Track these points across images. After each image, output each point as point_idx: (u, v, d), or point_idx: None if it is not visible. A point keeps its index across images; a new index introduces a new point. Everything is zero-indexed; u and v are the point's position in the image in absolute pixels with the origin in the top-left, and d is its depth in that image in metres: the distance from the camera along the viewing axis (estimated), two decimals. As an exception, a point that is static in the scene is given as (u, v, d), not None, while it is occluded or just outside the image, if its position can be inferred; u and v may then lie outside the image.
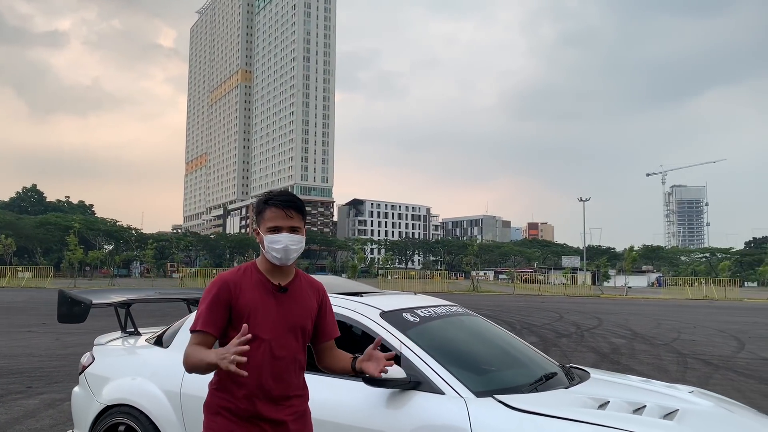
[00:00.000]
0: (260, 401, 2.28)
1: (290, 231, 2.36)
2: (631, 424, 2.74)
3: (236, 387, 2.28)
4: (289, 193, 2.46)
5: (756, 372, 10.39)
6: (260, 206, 2.40)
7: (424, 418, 2.92)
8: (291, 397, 2.37)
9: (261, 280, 2.38)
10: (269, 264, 2.40)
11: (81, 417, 4.23)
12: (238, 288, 2.32)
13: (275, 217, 2.36)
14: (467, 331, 3.98)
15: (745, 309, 32.84)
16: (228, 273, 2.39)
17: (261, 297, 2.33)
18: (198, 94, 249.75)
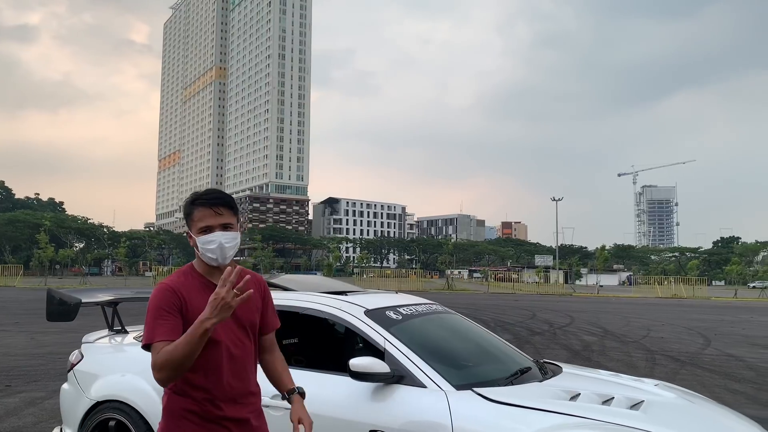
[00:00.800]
0: (223, 402, 2.24)
1: (222, 228, 2.25)
2: (599, 413, 2.96)
3: (198, 390, 2.21)
4: (216, 190, 2.37)
5: (720, 368, 10.77)
6: (188, 208, 2.30)
7: (407, 410, 3.10)
8: (250, 394, 2.34)
9: (203, 282, 2.28)
10: (202, 265, 2.32)
11: (70, 413, 4.32)
12: (184, 293, 2.21)
13: (204, 217, 2.25)
14: (447, 328, 4.18)
15: (712, 307, 33.68)
16: (169, 279, 2.27)
17: (206, 299, 2.09)
18: (171, 90, 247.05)
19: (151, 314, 2.17)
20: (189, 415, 2.21)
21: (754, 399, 8.02)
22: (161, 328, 2.12)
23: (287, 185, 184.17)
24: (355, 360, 3.14)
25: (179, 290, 2.21)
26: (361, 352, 3.60)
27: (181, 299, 2.19)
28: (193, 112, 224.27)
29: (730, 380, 9.48)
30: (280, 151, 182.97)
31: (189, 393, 2.21)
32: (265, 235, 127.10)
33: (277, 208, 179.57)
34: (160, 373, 2.05)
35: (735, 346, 14.23)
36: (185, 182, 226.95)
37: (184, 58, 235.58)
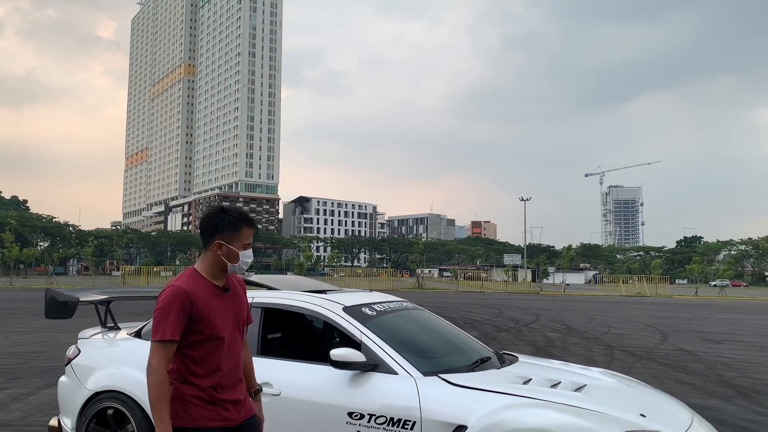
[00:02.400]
0: (223, 387, 2.63)
1: (251, 247, 2.77)
2: (546, 395, 3.45)
3: (202, 379, 2.58)
4: (248, 214, 2.84)
5: (674, 362, 11.44)
6: (238, 224, 2.70)
7: (381, 393, 3.55)
8: (240, 380, 2.77)
9: (208, 285, 2.64)
10: (213, 270, 2.67)
11: (68, 404, 4.66)
12: (195, 295, 2.55)
13: (249, 235, 2.73)
14: (416, 323, 4.64)
15: (673, 305, 34.84)
16: (183, 283, 2.57)
17: (213, 301, 2.61)
18: (139, 87, 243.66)
19: (161, 313, 2.51)
20: (195, 400, 2.58)
21: (700, 389, 8.65)
22: (172, 329, 2.49)
23: (257, 184, 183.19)
24: (335, 350, 3.58)
25: (190, 293, 2.55)
26: (338, 345, 4.02)
27: (191, 301, 2.53)
28: (161, 110, 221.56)
29: (680, 373, 10.12)
30: (250, 150, 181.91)
31: (194, 382, 2.58)
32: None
33: (247, 207, 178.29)
34: (148, 377, 2.46)
35: (689, 341, 14.98)
36: (153, 180, 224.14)
37: (152, 55, 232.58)
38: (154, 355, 2.47)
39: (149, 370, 2.47)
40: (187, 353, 2.57)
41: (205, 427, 2.55)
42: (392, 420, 3.46)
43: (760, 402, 7.81)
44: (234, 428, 2.66)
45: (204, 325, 2.55)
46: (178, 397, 2.59)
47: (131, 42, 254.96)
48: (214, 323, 2.58)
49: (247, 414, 2.76)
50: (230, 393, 2.67)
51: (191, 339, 2.56)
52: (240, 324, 2.77)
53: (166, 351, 2.49)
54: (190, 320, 2.53)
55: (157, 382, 2.45)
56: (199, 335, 2.56)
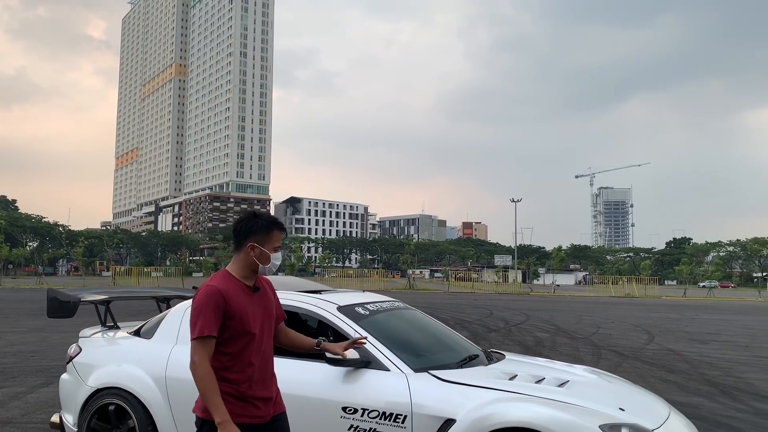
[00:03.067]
0: (255, 384, 2.80)
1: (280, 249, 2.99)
2: (531, 390, 3.63)
3: (235, 376, 2.75)
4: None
5: (659, 361, 11.67)
6: (270, 227, 2.89)
7: (374, 389, 3.72)
8: (272, 376, 2.95)
9: (240, 285, 2.82)
10: (244, 271, 2.85)
11: (70, 400, 4.80)
12: (228, 294, 2.73)
13: (279, 239, 2.93)
14: (407, 322, 4.81)
15: (662, 305, 35.21)
16: (216, 283, 2.75)
17: (245, 299, 2.79)
18: (129, 87, 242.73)
19: (197, 311, 2.68)
20: (225, 396, 2.70)
21: (684, 387, 8.87)
22: (210, 325, 2.66)
23: (248, 184, 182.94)
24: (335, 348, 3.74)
25: (224, 291, 2.72)
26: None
27: (225, 300, 2.70)
28: (152, 110, 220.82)
29: (665, 372, 10.35)
30: (242, 150, 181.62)
31: (226, 377, 2.73)
32: (225, 235, 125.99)
33: (238, 207, 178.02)
34: (194, 373, 2.63)
35: (676, 341, 15.24)
36: (143, 180, 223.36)
37: (143, 55, 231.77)
38: (195, 352, 2.64)
39: (193, 366, 2.63)
40: (222, 350, 2.73)
41: (235, 422, 2.67)
42: (384, 414, 3.63)
43: (741, 400, 8.03)
44: (262, 425, 2.81)
45: (236, 323, 2.72)
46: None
47: (122, 41, 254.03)
48: (246, 320, 2.75)
49: (276, 411, 2.92)
50: (261, 390, 2.83)
51: (225, 336, 2.72)
52: (270, 322, 2.94)
53: (206, 346, 2.65)
54: (225, 318, 2.71)
55: (203, 375, 2.61)
56: (233, 332, 2.73)
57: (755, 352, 13.34)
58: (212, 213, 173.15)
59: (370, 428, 3.65)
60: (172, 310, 4.79)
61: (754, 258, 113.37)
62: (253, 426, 2.77)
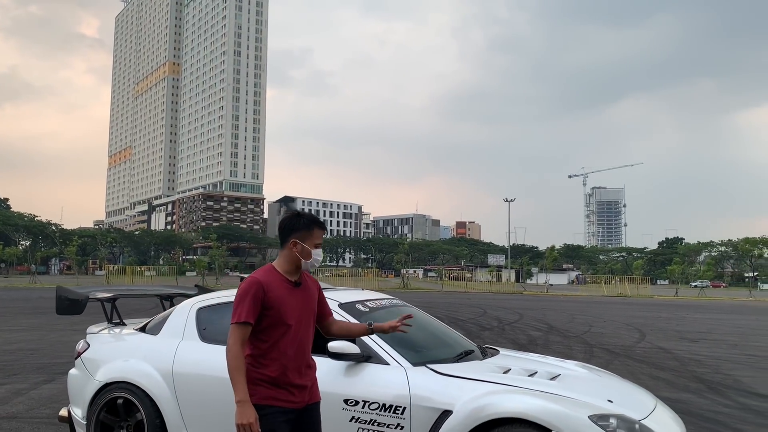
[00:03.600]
0: (290, 371, 2.98)
1: (321, 247, 3.18)
2: (524, 383, 3.83)
3: (272, 362, 2.95)
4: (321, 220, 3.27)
5: (650, 359, 11.89)
6: (311, 225, 3.11)
7: (374, 382, 3.90)
8: (308, 367, 3.11)
9: (282, 279, 3.05)
10: (288, 266, 3.09)
11: (79, 394, 4.95)
12: (268, 286, 2.96)
13: (320, 236, 3.13)
14: (406, 319, 4.98)
15: (653, 305, 35.53)
16: (259, 275, 3.00)
17: (285, 292, 3.00)
18: (123, 85, 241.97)
19: (238, 300, 2.93)
20: (263, 383, 2.94)
21: (673, 384, 9.09)
22: (247, 313, 2.88)
23: (242, 183, 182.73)
24: (332, 343, 3.90)
25: (265, 283, 2.95)
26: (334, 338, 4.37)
27: (264, 290, 2.93)
28: (145, 108, 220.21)
29: (655, 369, 10.57)
30: (235, 149, 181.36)
31: (265, 364, 2.96)
32: (219, 234, 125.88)
33: (232, 206, 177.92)
34: (226, 354, 2.87)
35: (667, 340, 15.48)
36: (136, 179, 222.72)
37: (137, 53, 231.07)
38: (231, 336, 2.87)
39: (227, 348, 2.87)
40: (261, 338, 2.96)
41: (270, 405, 2.91)
42: (384, 406, 3.80)
43: (728, 396, 8.25)
44: (296, 410, 3.01)
45: (274, 313, 2.93)
46: (249, 378, 2.96)
47: (115, 40, 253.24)
48: (284, 312, 2.95)
49: (311, 400, 3.11)
50: (296, 377, 3.02)
51: (264, 324, 2.95)
52: (309, 316, 3.13)
53: (241, 332, 2.88)
54: (264, 307, 2.93)
55: (233, 357, 2.83)
56: (271, 321, 2.95)
57: (743, 351, 13.59)
58: (206, 212, 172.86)
59: (370, 419, 3.83)
60: (178, 307, 4.95)
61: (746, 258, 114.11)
62: (288, 411, 2.96)
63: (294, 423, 3.01)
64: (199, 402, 4.40)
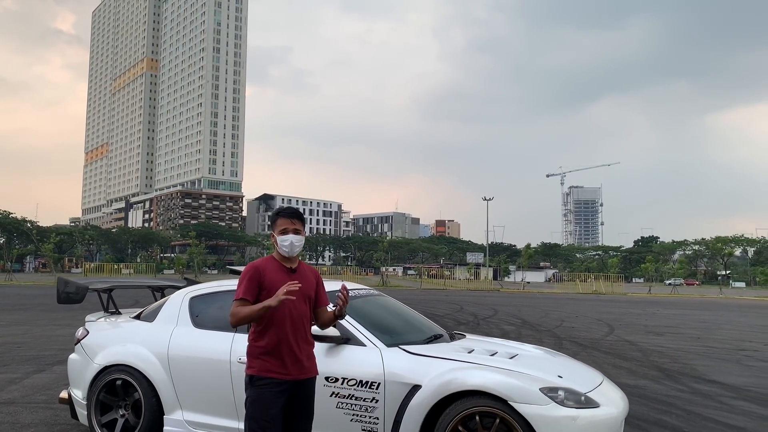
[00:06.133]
0: (285, 346, 3.38)
1: (294, 232, 3.52)
2: (486, 361, 4.34)
3: (268, 338, 3.37)
4: (292, 207, 3.68)
5: (616, 351, 12.50)
6: (274, 217, 3.60)
7: (352, 361, 4.38)
8: (304, 343, 3.49)
9: (278, 266, 3.51)
10: (278, 256, 3.56)
11: (79, 377, 5.35)
12: (264, 270, 3.45)
13: (283, 224, 3.52)
14: (381, 307, 5.46)
15: (626, 302, 36.45)
16: (257, 261, 3.51)
17: (280, 276, 3.44)
18: (100, 81, 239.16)
19: (239, 281, 3.43)
20: (261, 354, 3.38)
21: (633, 372, 9.69)
22: (244, 291, 3.37)
23: (221, 181, 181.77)
24: (314, 327, 4.35)
25: (260, 268, 3.46)
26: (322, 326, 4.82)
27: (261, 274, 3.43)
28: (123, 105, 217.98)
29: (619, 359, 11.17)
30: (214, 146, 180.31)
31: (263, 338, 3.40)
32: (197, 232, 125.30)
33: (210, 204, 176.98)
34: (231, 319, 3.37)
35: (634, 333, 16.15)
36: (114, 176, 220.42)
37: (114, 49, 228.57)
38: (233, 307, 3.38)
39: (231, 316, 3.37)
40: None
41: (266, 377, 3.35)
42: (361, 382, 4.28)
43: (683, 382, 8.85)
44: (291, 382, 3.41)
45: (267, 293, 3.35)
46: (250, 351, 3.44)
47: (92, 35, 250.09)
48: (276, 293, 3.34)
49: (306, 375, 3.49)
50: (292, 352, 3.41)
51: (262, 300, 3.36)
52: (305, 299, 3.51)
53: (240, 305, 3.36)
54: (261, 288, 3.39)
55: (237, 312, 3.34)
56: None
57: (705, 343, 14.29)
58: (184, 209, 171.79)
59: (348, 394, 4.30)
60: (172, 296, 5.37)
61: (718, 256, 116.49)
62: (283, 382, 3.38)
63: (289, 394, 3.42)
64: (192, 382, 4.83)
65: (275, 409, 3.34)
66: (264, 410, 3.32)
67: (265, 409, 3.32)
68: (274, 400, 3.34)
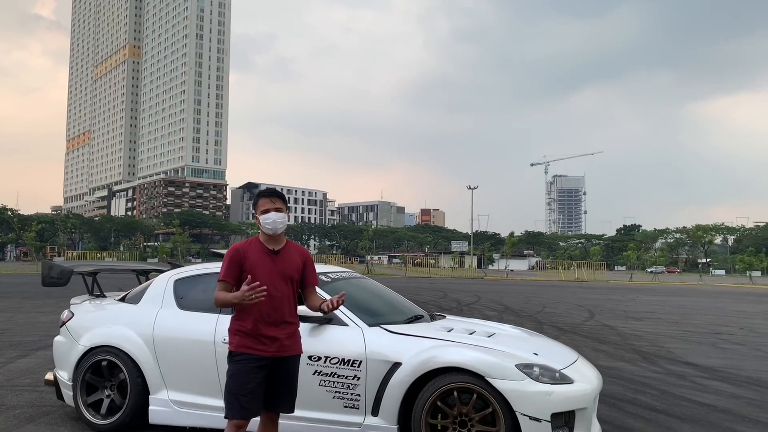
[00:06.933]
0: (262, 324, 3.46)
1: (276, 211, 3.56)
2: (464, 339, 4.47)
3: (247, 315, 3.47)
4: (272, 188, 3.78)
5: (595, 335, 12.73)
6: (255, 199, 3.69)
7: (335, 340, 4.49)
8: (284, 323, 3.54)
9: (261, 247, 3.58)
10: (266, 236, 3.60)
11: (64, 359, 5.41)
12: (246, 252, 3.54)
13: (264, 204, 3.58)
14: (363, 289, 5.57)
15: (608, 289, 36.93)
16: (239, 243, 3.59)
17: (260, 258, 3.53)
18: (81, 68, 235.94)
19: (223, 262, 3.56)
20: (240, 333, 3.50)
21: (611, 355, 9.90)
22: (224, 273, 3.52)
23: (204, 169, 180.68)
24: (301, 306, 4.44)
25: (243, 249, 3.56)
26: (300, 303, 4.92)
27: (242, 256, 3.53)
28: (105, 92, 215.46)
29: (598, 343, 11.40)
30: (197, 134, 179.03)
31: (243, 318, 3.50)
32: (181, 220, 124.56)
33: (194, 192, 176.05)
34: (214, 301, 3.52)
35: (614, 319, 16.42)
36: (96, 164, 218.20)
37: (95, 35, 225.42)
38: (216, 289, 3.53)
39: (214, 299, 3.52)
40: None
41: (243, 352, 3.47)
42: (343, 360, 4.39)
43: (659, 364, 9.07)
44: (269, 358, 3.49)
45: (247, 274, 3.45)
46: (231, 328, 3.55)
47: (72, 21, 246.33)
48: (255, 273, 3.45)
49: (285, 352, 3.55)
50: (270, 330, 3.49)
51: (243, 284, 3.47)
52: (286, 279, 3.57)
53: (221, 286, 3.51)
54: (242, 270, 3.50)
55: (219, 298, 3.49)
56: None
57: (682, 327, 14.59)
58: (167, 198, 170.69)
59: (331, 372, 4.41)
60: (156, 279, 5.44)
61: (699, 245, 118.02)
62: (260, 358, 3.47)
63: (269, 370, 3.51)
64: (177, 362, 4.92)
65: (253, 384, 3.44)
66: (242, 384, 3.43)
67: (243, 383, 3.43)
68: (252, 375, 3.44)
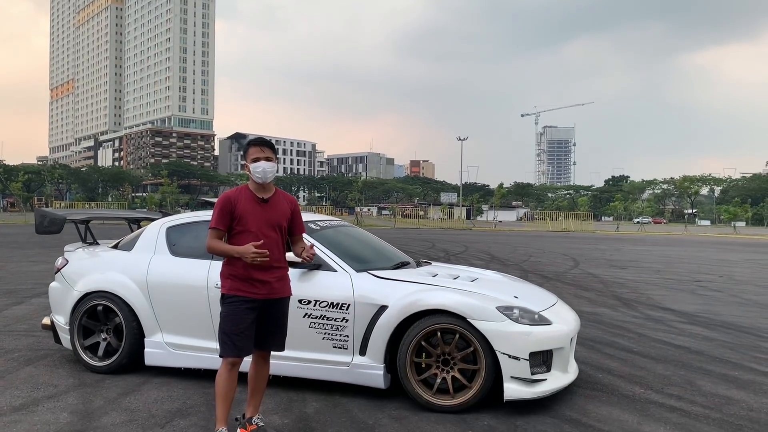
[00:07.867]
0: (253, 269, 3.62)
1: (266, 160, 3.69)
2: (448, 283, 4.66)
3: (238, 260, 3.61)
4: (262, 137, 3.89)
5: (578, 282, 13.05)
6: (245, 148, 3.77)
7: (324, 285, 4.67)
8: (273, 267, 3.70)
9: (250, 195, 3.72)
10: (255, 185, 3.73)
11: (60, 304, 5.57)
12: (236, 200, 3.68)
13: (254, 152, 3.70)
14: (351, 237, 5.74)
15: (594, 239, 37.44)
16: (230, 191, 3.72)
17: (250, 206, 3.68)
18: (62, 14, 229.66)
19: (214, 210, 3.69)
20: (232, 277, 3.67)
21: (593, 301, 10.21)
22: (215, 221, 3.66)
23: (191, 119, 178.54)
24: (288, 254, 4.59)
25: (234, 198, 3.69)
26: (288, 249, 5.08)
27: (233, 203, 3.67)
28: (88, 39, 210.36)
29: (581, 290, 11.71)
30: (183, 83, 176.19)
31: (234, 263, 3.66)
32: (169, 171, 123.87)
33: (181, 142, 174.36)
34: (207, 249, 3.71)
35: (598, 267, 16.78)
36: (81, 113, 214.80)
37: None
38: (208, 237, 3.70)
39: (207, 246, 3.69)
40: (233, 242, 3.68)
41: (235, 295, 3.64)
42: (332, 303, 4.57)
43: (638, 310, 9.38)
44: (259, 300, 3.67)
45: (238, 222, 3.65)
46: (223, 273, 3.72)
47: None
48: (245, 221, 3.64)
49: (275, 294, 3.74)
50: (260, 274, 3.65)
51: (234, 231, 3.67)
52: (274, 226, 3.73)
53: (213, 234, 3.68)
54: (232, 218, 3.65)
55: (213, 247, 3.67)
56: (239, 228, 3.67)
57: (664, 275, 14.95)
58: (154, 148, 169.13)
59: (320, 315, 4.60)
60: (149, 226, 5.56)
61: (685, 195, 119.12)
62: (251, 300, 3.65)
63: (260, 311, 3.70)
64: (170, 306, 5.09)
65: (244, 324, 3.63)
66: (234, 324, 3.62)
67: (236, 323, 3.62)
68: (244, 316, 3.63)
